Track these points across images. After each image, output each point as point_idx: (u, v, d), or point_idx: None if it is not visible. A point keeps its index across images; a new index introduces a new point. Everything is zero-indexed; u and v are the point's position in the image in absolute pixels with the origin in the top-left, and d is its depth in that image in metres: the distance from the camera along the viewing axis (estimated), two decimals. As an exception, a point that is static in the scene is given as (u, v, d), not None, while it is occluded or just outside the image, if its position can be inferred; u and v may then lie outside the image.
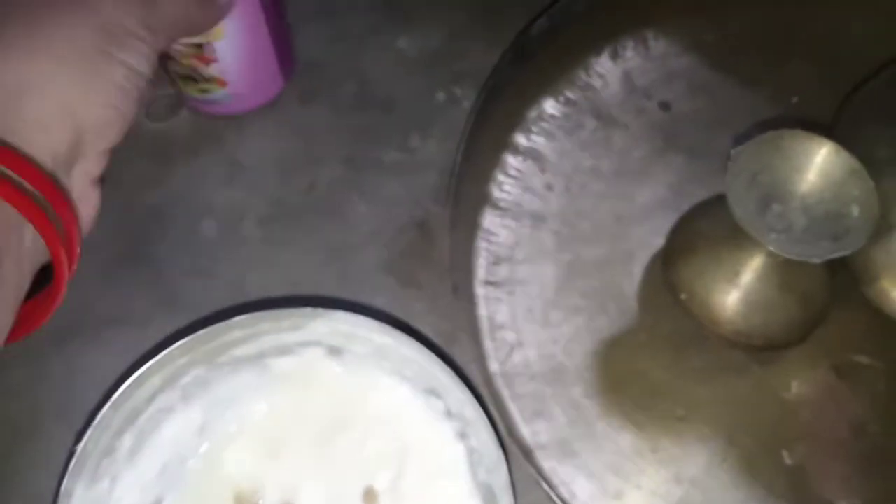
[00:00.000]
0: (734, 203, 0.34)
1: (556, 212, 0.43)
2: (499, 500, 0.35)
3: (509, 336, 0.40)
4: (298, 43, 0.47)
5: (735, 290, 0.38)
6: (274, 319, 0.35)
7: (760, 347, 0.39)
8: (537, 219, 0.43)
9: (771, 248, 0.33)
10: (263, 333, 0.35)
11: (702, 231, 0.40)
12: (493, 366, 0.40)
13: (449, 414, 0.36)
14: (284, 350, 0.37)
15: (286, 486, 0.36)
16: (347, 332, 0.35)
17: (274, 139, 0.46)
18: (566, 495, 0.37)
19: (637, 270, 0.42)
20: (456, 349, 0.39)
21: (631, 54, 0.47)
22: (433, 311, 0.41)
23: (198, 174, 0.45)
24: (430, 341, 0.39)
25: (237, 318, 0.34)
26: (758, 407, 0.39)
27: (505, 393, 0.39)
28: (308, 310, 0.34)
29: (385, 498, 0.36)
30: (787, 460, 0.38)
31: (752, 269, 0.37)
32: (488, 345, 0.40)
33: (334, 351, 0.37)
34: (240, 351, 0.35)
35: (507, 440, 0.36)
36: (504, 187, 0.44)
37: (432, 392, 0.36)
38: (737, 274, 0.38)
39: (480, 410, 0.33)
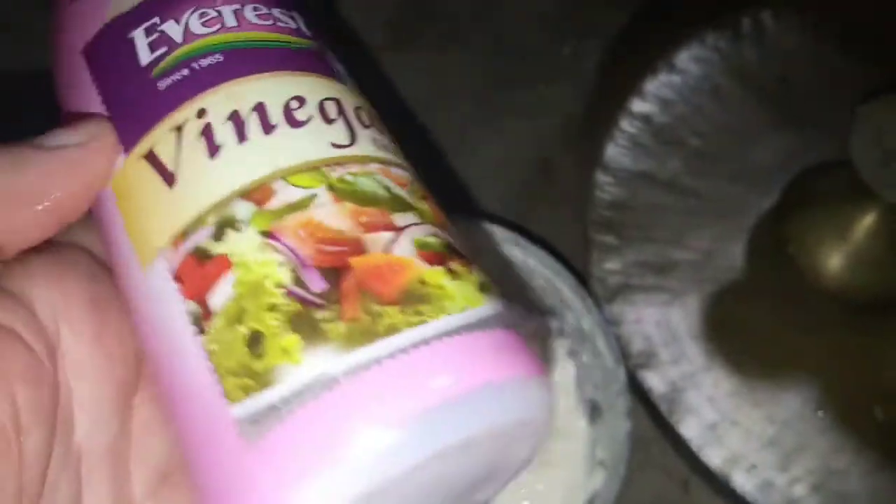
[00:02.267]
0: (857, 156, 0.36)
1: (671, 169, 0.45)
2: (604, 414, 0.37)
3: (615, 280, 0.43)
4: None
5: (845, 246, 0.40)
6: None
7: (863, 304, 0.40)
8: (652, 175, 0.45)
9: (891, 201, 0.35)
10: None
11: (816, 189, 0.42)
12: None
13: (562, 332, 0.39)
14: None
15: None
16: (478, 243, 0.38)
17: (410, 78, 0.49)
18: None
19: (746, 227, 0.44)
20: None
21: (750, 31, 0.49)
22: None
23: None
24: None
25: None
26: (854, 362, 0.41)
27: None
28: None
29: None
30: (879, 415, 0.40)
31: (863, 227, 0.39)
32: (597, 286, 0.42)
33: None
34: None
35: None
36: (620, 143, 0.46)
37: (548, 311, 0.39)
38: (848, 230, 0.40)
39: (599, 322, 0.36)
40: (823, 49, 0.47)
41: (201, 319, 0.18)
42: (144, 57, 0.21)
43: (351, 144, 0.20)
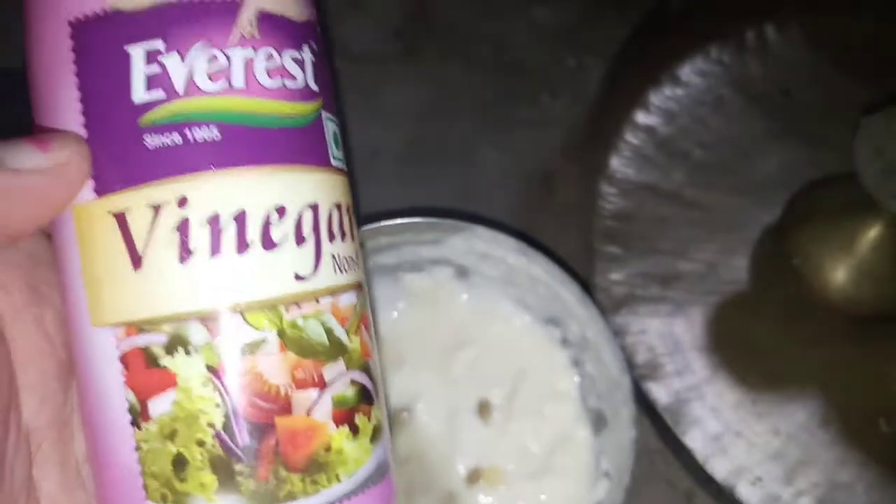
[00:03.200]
0: (860, 168, 0.36)
1: (675, 181, 0.45)
2: (609, 424, 0.37)
3: (619, 290, 0.42)
4: (440, 6, 0.50)
5: (849, 259, 0.40)
6: (417, 231, 0.37)
7: (867, 317, 0.40)
8: (656, 187, 0.45)
9: (894, 212, 0.35)
10: (404, 244, 0.38)
11: (820, 202, 0.42)
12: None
13: (565, 342, 0.39)
14: (417, 266, 0.39)
15: (407, 393, 0.38)
16: (483, 251, 0.38)
17: (412, 88, 0.49)
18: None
19: (749, 240, 0.44)
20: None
21: (753, 44, 0.49)
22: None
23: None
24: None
25: (385, 223, 0.37)
26: (858, 375, 0.41)
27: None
28: (451, 222, 0.37)
29: (498, 412, 0.38)
30: (884, 427, 0.39)
31: (868, 240, 0.39)
32: (601, 296, 0.42)
33: (462, 272, 0.39)
34: (381, 259, 0.38)
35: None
36: (625, 154, 0.46)
37: (552, 321, 0.39)
38: (853, 243, 0.40)
39: (603, 331, 0.35)
40: (826, 62, 0.47)
41: (138, 416, 0.20)
42: (138, 91, 0.20)
43: (313, 273, 0.21)
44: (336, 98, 0.25)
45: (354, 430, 0.22)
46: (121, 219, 0.20)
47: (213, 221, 0.20)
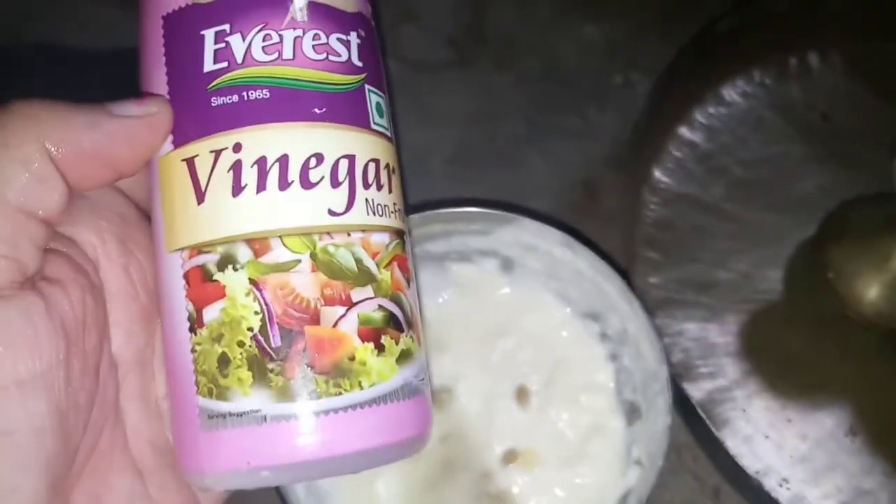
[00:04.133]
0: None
1: (715, 195, 0.47)
2: (643, 415, 0.38)
3: (657, 294, 0.44)
4: (493, 18, 0.53)
5: (882, 275, 0.41)
6: (468, 220, 0.39)
7: (898, 332, 0.42)
8: (696, 199, 0.47)
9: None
10: (454, 234, 0.40)
11: (856, 220, 0.44)
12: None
13: (604, 336, 0.40)
14: (465, 256, 0.41)
15: (448, 375, 0.40)
16: (529, 242, 0.39)
17: (464, 95, 0.51)
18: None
19: (784, 255, 0.45)
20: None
21: (796, 70, 0.51)
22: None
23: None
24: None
25: (438, 211, 0.39)
26: (887, 388, 0.42)
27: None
28: (500, 213, 0.39)
29: (536, 398, 0.39)
30: (911, 441, 0.40)
31: (902, 257, 0.40)
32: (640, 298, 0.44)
33: (508, 265, 0.41)
34: (432, 247, 0.40)
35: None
36: (668, 166, 0.48)
37: (591, 315, 0.40)
38: (886, 260, 0.41)
39: (644, 324, 0.37)
40: (866, 88, 0.49)
41: (195, 322, 0.24)
42: (208, 63, 0.25)
43: (345, 212, 0.25)
44: (383, 77, 0.29)
45: (380, 348, 0.25)
46: (190, 163, 0.25)
47: (261, 163, 0.24)
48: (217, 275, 0.24)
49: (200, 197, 0.25)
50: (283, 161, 0.25)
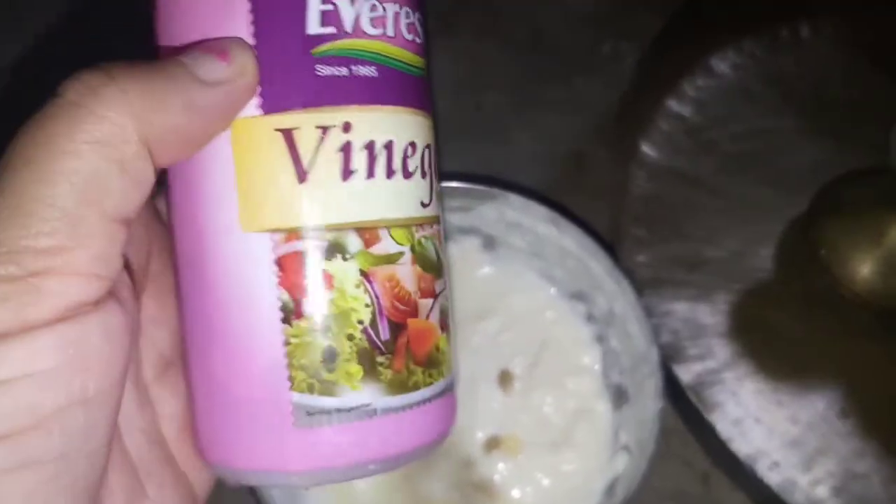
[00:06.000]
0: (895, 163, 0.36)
1: (704, 169, 0.45)
2: (631, 399, 0.37)
3: (645, 272, 0.43)
4: (479, -12, 0.51)
5: (877, 251, 0.40)
6: (448, 196, 0.37)
7: (892, 310, 0.40)
8: (684, 173, 0.45)
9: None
10: (435, 210, 0.38)
11: (849, 195, 0.42)
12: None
13: (590, 317, 0.39)
14: (446, 234, 0.39)
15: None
16: (513, 219, 0.38)
17: (447, 63, 0.49)
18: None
19: (775, 231, 0.44)
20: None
21: (787, 40, 0.49)
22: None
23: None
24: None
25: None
26: (879, 368, 0.41)
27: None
28: (484, 188, 0.37)
29: (519, 382, 0.38)
30: (904, 423, 0.39)
31: (896, 235, 0.39)
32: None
33: (490, 243, 0.39)
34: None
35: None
36: (655, 140, 0.46)
37: (577, 296, 0.39)
38: (881, 236, 0.40)
39: (632, 304, 0.35)
40: (859, 60, 0.48)
41: (291, 313, 0.22)
42: (312, 24, 0.22)
43: (430, 204, 0.24)
44: None
45: (449, 336, 0.25)
46: (288, 136, 0.22)
47: (370, 148, 0.23)
48: (324, 263, 0.22)
49: (302, 175, 0.22)
50: (389, 147, 0.23)
